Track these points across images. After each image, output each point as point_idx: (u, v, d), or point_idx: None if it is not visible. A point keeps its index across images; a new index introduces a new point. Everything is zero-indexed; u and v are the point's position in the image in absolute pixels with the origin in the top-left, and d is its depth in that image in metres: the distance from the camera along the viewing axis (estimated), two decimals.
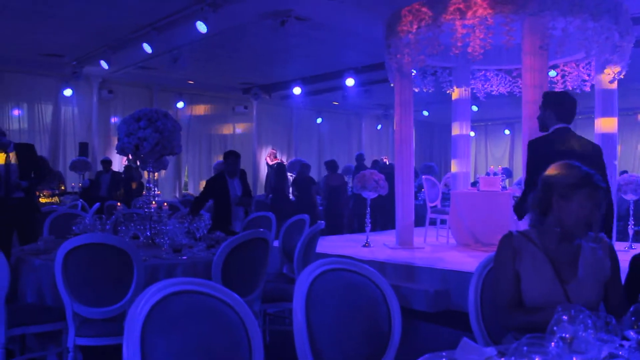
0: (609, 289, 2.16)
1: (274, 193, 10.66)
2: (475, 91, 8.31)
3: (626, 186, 7.03)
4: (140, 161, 4.38)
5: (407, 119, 7.36)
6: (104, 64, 10.21)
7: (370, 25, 8.14)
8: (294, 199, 10.59)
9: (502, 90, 8.13)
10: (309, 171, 10.59)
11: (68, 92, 12.01)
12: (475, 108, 12.89)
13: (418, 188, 10.22)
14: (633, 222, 7.25)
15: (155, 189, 4.47)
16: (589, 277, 2.09)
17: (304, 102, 15.09)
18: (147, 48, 8.98)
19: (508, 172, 13.10)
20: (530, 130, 5.48)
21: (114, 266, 3.25)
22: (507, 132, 18.82)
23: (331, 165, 10.91)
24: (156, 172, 4.53)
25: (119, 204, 6.36)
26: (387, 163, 12.50)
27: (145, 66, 11.22)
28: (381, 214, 10.34)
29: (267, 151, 14.81)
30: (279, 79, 13.27)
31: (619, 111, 6.88)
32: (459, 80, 8.08)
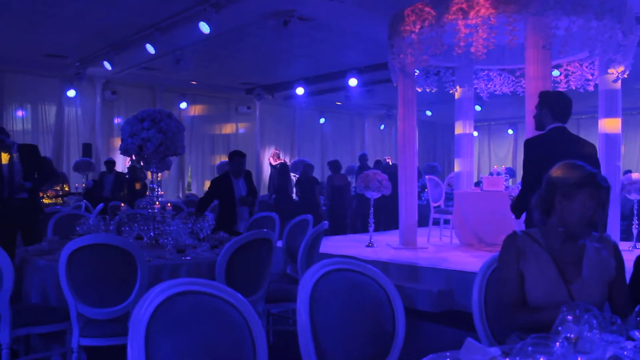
0: (613, 288, 2.15)
1: (277, 193, 10.66)
2: (478, 91, 8.28)
3: (630, 186, 7.00)
4: (143, 162, 4.39)
5: (410, 119, 7.36)
6: (107, 65, 10.22)
7: (373, 26, 8.15)
8: (297, 199, 10.58)
9: (505, 90, 8.10)
10: (312, 171, 10.57)
11: (71, 93, 12.04)
12: (478, 108, 12.84)
13: (421, 188, 10.20)
14: (637, 222, 7.21)
15: (159, 189, 4.48)
16: (593, 277, 2.08)
17: (306, 103, 15.06)
18: (150, 49, 8.99)
19: (511, 172, 13.05)
20: (533, 124, 5.45)
21: (117, 267, 3.25)
22: (511, 132, 18.79)
23: (334, 165, 10.91)
24: (160, 173, 4.53)
25: (123, 204, 6.38)
26: (390, 163, 12.46)
27: (148, 67, 11.24)
28: (384, 214, 10.34)
29: (270, 151, 14.80)
30: (282, 79, 13.27)
31: (622, 111, 6.86)
32: (462, 80, 8.07)
